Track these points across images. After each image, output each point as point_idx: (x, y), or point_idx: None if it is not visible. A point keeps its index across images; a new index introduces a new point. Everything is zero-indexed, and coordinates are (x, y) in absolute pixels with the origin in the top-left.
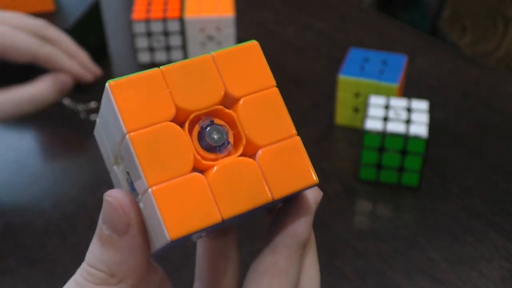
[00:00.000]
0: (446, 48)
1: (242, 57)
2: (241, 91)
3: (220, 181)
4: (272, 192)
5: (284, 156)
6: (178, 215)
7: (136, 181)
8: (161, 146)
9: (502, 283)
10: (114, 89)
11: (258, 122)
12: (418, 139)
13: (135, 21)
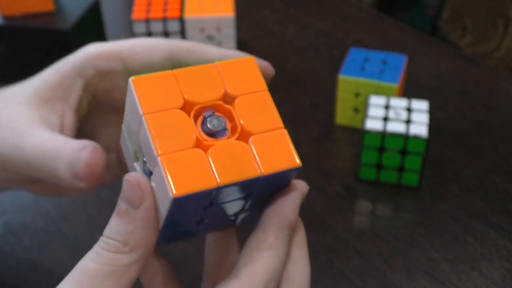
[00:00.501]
0: (446, 48)
1: (240, 67)
2: (238, 91)
3: (218, 156)
4: (261, 168)
5: (273, 142)
6: (181, 178)
7: (149, 159)
8: (169, 126)
9: (502, 283)
10: (135, 82)
11: (251, 115)
12: (418, 139)
13: (135, 21)
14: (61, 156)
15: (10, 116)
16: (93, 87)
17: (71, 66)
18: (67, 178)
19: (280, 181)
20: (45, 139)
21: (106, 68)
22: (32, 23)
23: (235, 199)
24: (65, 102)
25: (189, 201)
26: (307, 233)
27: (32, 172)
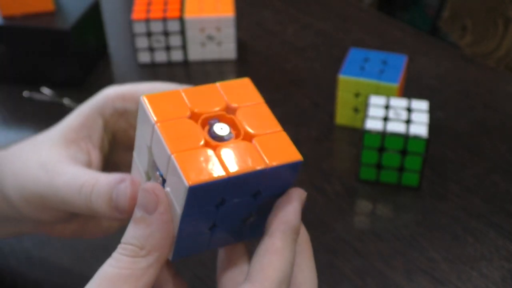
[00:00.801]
0: (446, 48)
1: (238, 86)
2: (238, 103)
3: (225, 152)
4: (266, 161)
5: (274, 141)
6: (194, 170)
7: (163, 164)
8: (180, 131)
9: (503, 283)
10: (147, 98)
11: (252, 122)
12: (418, 139)
13: (135, 21)
14: (96, 189)
15: (41, 158)
16: (112, 126)
17: (93, 107)
18: (105, 210)
19: (284, 179)
20: (77, 175)
21: (122, 108)
22: (32, 23)
23: (245, 198)
24: (89, 140)
25: (203, 191)
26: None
27: (67, 207)
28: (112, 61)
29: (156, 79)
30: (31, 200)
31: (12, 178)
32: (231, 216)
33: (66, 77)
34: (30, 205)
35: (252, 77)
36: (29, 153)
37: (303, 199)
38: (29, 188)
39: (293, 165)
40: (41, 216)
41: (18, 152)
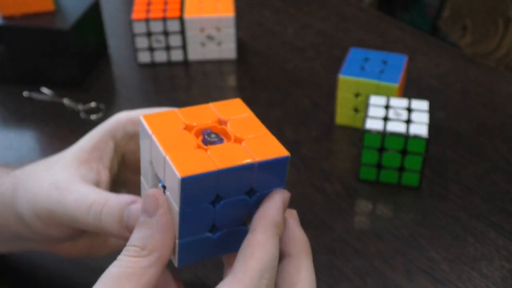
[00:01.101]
0: (446, 48)
1: (230, 105)
2: (229, 116)
3: (216, 151)
4: (254, 157)
5: (262, 142)
6: (186, 165)
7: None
8: (174, 138)
9: (503, 283)
10: (145, 117)
11: (241, 129)
12: (418, 139)
13: (135, 21)
14: (107, 209)
15: (53, 176)
16: (122, 148)
17: (105, 130)
18: (115, 230)
19: (274, 175)
20: (86, 193)
21: (132, 131)
22: (32, 23)
23: (239, 196)
24: (100, 161)
25: (195, 183)
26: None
27: (76, 224)
28: (112, 61)
29: (156, 79)
30: (42, 216)
31: (24, 195)
32: (230, 216)
33: (66, 77)
34: (41, 221)
35: (252, 77)
36: (42, 172)
37: (285, 198)
38: (40, 205)
39: (281, 159)
40: (51, 233)
41: (31, 171)
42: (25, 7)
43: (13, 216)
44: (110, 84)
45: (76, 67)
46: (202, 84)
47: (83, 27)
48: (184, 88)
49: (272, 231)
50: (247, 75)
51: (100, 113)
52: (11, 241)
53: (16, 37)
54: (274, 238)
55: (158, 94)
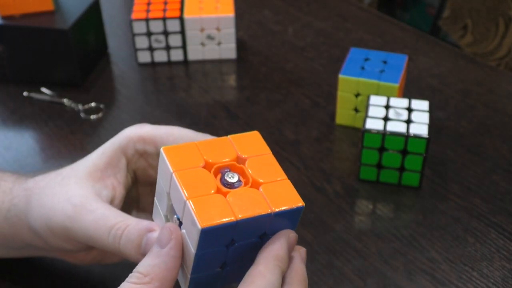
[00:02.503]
0: (446, 48)
1: (248, 138)
2: (247, 154)
3: (235, 198)
4: (271, 206)
5: (279, 188)
6: (207, 214)
7: (179, 208)
8: (194, 179)
9: (503, 283)
10: (165, 150)
11: (260, 171)
12: (419, 139)
13: (135, 20)
14: (126, 235)
15: (68, 192)
16: (133, 165)
17: (117, 147)
18: (133, 256)
19: (287, 221)
20: (106, 215)
21: (142, 149)
22: (32, 23)
23: (252, 239)
24: (114, 178)
25: (214, 233)
26: (307, 233)
27: (92, 243)
28: (112, 61)
29: (156, 79)
30: (56, 231)
31: (38, 209)
32: (241, 255)
33: (66, 77)
34: (55, 236)
35: (252, 77)
36: (56, 187)
37: (291, 237)
38: (55, 221)
39: (296, 210)
40: (65, 246)
41: (45, 185)
42: (25, 7)
43: (26, 228)
44: (110, 84)
45: (76, 67)
46: (202, 84)
47: (83, 27)
48: (184, 88)
49: (273, 263)
50: (247, 75)
51: (100, 113)
52: (23, 248)
53: (16, 37)
54: (275, 270)
55: (158, 94)
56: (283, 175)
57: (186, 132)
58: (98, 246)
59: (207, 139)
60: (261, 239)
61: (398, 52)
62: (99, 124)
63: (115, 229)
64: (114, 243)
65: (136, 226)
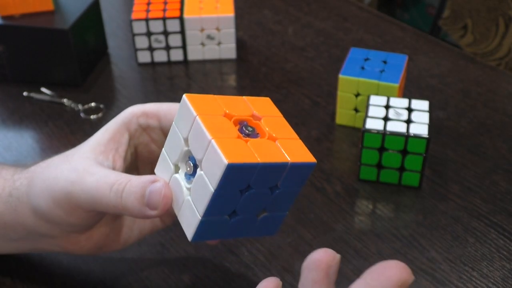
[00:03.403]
0: (446, 48)
1: (261, 102)
2: (262, 114)
3: (256, 145)
4: (288, 158)
5: (293, 146)
6: (231, 152)
7: (200, 151)
8: (217, 124)
9: (503, 283)
10: (188, 97)
11: (274, 128)
12: (419, 138)
13: (135, 20)
14: (128, 187)
15: (71, 163)
16: (135, 140)
17: (120, 123)
18: (136, 207)
19: (298, 178)
20: (107, 174)
21: (145, 124)
22: (32, 23)
23: (264, 189)
24: (116, 152)
25: (238, 170)
26: (307, 233)
27: (95, 205)
28: (112, 61)
29: (156, 79)
30: (59, 201)
31: (41, 184)
32: (250, 205)
33: (66, 77)
34: (58, 207)
35: (252, 77)
36: (59, 163)
37: (404, 280)
38: (58, 189)
39: (309, 165)
40: (69, 219)
41: (47, 165)
42: (25, 7)
43: (28, 210)
44: (110, 84)
45: (76, 67)
46: (202, 84)
47: (83, 27)
48: (184, 88)
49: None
50: (247, 75)
51: (100, 113)
52: (23, 239)
53: (16, 37)
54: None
55: (158, 94)
56: (295, 135)
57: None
58: (100, 207)
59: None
60: (271, 192)
61: (398, 52)
62: (99, 124)
63: (117, 185)
64: (116, 198)
65: (138, 179)
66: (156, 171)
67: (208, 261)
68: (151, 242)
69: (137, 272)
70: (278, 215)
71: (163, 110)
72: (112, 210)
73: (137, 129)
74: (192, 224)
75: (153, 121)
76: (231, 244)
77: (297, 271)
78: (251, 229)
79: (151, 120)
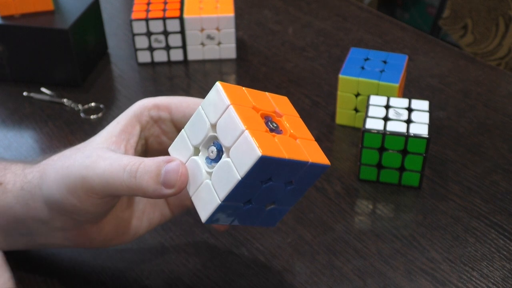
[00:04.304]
0: (446, 48)
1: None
2: (283, 112)
3: (282, 141)
4: (308, 157)
5: (311, 147)
6: (264, 144)
7: (228, 138)
8: (248, 115)
9: (503, 283)
10: (222, 84)
11: (294, 127)
12: (419, 138)
13: (135, 20)
14: (142, 167)
15: (84, 153)
16: (146, 132)
17: (132, 115)
18: (151, 186)
19: (312, 176)
20: (120, 157)
21: (157, 116)
22: (31, 23)
23: (281, 183)
24: (127, 142)
25: (268, 162)
26: (307, 233)
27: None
28: (112, 61)
29: (156, 78)
30: (73, 187)
31: (54, 174)
32: (264, 196)
33: (66, 77)
34: (72, 195)
35: (252, 77)
36: (71, 154)
37: None
38: (72, 175)
39: (324, 166)
40: (82, 206)
41: (59, 157)
42: (25, 7)
43: (40, 203)
44: (110, 84)
45: (75, 67)
46: (202, 84)
47: (83, 27)
48: (184, 88)
49: None
50: (247, 75)
51: (100, 113)
52: (34, 233)
53: (16, 37)
54: None
55: (158, 94)
56: (312, 137)
57: (197, 100)
58: (114, 189)
59: None
60: (285, 186)
61: (398, 52)
62: (99, 124)
63: (130, 165)
64: (129, 178)
65: (151, 160)
66: (171, 150)
67: (208, 261)
68: (151, 242)
69: (137, 272)
70: (283, 209)
71: (175, 103)
72: (126, 191)
73: (149, 121)
74: (210, 206)
75: (164, 114)
76: (231, 244)
77: (297, 271)
78: (257, 219)
79: (163, 113)
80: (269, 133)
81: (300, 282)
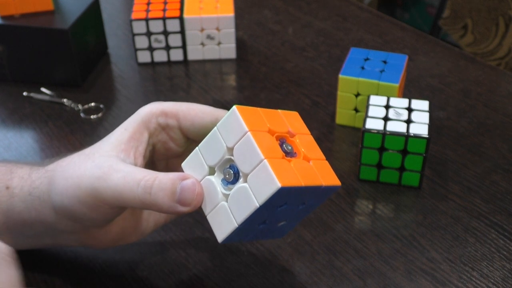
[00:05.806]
0: (446, 48)
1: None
2: (295, 131)
3: (297, 167)
4: (321, 180)
5: (323, 167)
6: (282, 175)
7: (246, 165)
8: (266, 141)
9: (503, 283)
10: (238, 109)
11: (306, 148)
12: (419, 138)
13: (135, 20)
14: (157, 183)
15: (94, 161)
16: (154, 139)
17: (140, 121)
18: (166, 203)
19: (323, 196)
20: (134, 171)
21: (164, 123)
22: (31, 23)
23: (293, 206)
24: (136, 150)
25: (286, 192)
26: (307, 233)
27: (121, 201)
28: (112, 61)
29: (156, 78)
30: (85, 197)
31: (64, 183)
32: (278, 217)
33: (66, 77)
34: (82, 204)
35: (252, 77)
36: (81, 162)
37: None
38: (84, 186)
39: (335, 188)
40: (91, 215)
41: (67, 163)
42: (25, 7)
43: (49, 209)
44: (110, 84)
45: (75, 67)
46: (202, 84)
47: (83, 27)
48: (184, 88)
49: None
50: (247, 75)
51: (100, 113)
52: (39, 236)
53: (16, 37)
54: None
55: (158, 94)
56: (323, 156)
57: (205, 108)
58: (126, 202)
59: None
60: (297, 207)
61: (398, 52)
62: (99, 124)
63: (144, 181)
64: (144, 194)
65: (167, 176)
66: (184, 167)
67: (208, 261)
68: (151, 242)
69: (137, 272)
70: (292, 224)
71: (183, 111)
72: (139, 205)
73: (156, 128)
74: (227, 229)
75: (172, 121)
76: (231, 244)
77: (297, 271)
78: (267, 234)
79: (171, 120)
80: (285, 158)
81: (300, 282)
